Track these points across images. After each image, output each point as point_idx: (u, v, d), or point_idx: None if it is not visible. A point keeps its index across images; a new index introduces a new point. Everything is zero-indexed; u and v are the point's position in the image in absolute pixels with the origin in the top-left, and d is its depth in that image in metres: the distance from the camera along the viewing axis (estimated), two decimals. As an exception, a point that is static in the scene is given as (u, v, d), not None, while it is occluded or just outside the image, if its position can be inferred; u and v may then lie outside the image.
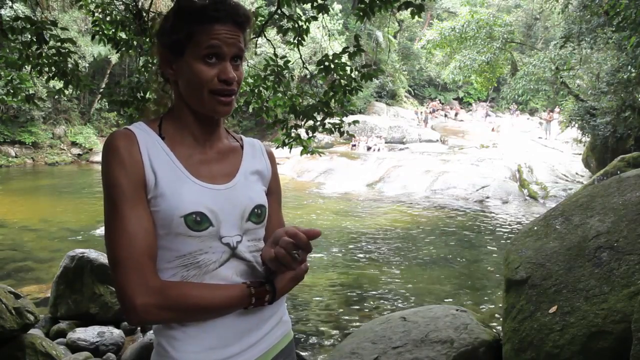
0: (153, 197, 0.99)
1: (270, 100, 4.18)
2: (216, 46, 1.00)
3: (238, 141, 1.18)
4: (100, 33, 4.15)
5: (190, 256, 1.00)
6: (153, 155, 1.01)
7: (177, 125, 1.07)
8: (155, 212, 0.99)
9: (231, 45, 1.01)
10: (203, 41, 1.00)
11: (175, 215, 0.98)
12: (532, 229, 2.78)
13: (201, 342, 1.00)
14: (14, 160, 19.58)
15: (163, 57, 1.06)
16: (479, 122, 28.93)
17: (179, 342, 1.00)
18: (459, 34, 17.40)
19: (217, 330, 1.01)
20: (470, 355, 2.61)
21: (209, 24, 1.00)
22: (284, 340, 1.14)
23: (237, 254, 1.05)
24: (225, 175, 1.08)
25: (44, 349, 3.36)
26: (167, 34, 1.05)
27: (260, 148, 1.21)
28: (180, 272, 1.00)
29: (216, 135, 1.11)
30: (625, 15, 8.24)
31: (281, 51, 12.69)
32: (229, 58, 1.02)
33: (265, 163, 1.19)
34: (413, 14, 3.56)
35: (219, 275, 1.02)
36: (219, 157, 1.10)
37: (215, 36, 1.00)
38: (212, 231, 1.01)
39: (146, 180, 0.99)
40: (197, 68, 1.00)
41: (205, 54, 1.00)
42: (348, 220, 10.43)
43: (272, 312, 1.10)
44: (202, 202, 1.01)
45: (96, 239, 8.19)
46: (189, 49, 1.01)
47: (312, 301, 5.55)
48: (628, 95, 11.15)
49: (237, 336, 1.03)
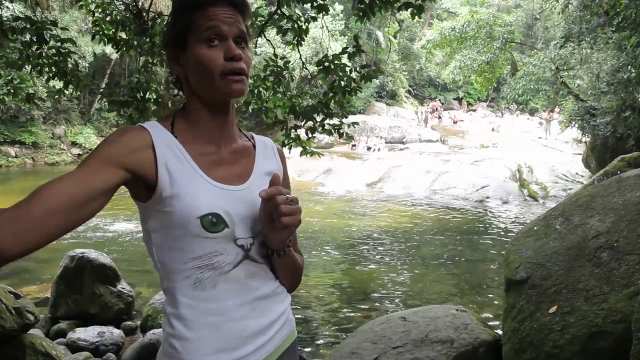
0: (168, 197, 0.97)
1: (270, 100, 4.18)
2: (215, 26, 0.99)
3: (250, 140, 1.17)
4: (100, 33, 4.15)
5: (205, 257, 0.99)
6: (168, 155, 1.00)
7: (189, 124, 1.06)
8: (170, 212, 0.98)
9: (231, 24, 1.00)
10: (202, 25, 1.00)
11: (191, 217, 0.97)
12: (532, 229, 2.78)
13: (214, 345, 0.99)
14: (14, 160, 19.57)
15: (170, 57, 1.06)
16: (479, 122, 28.90)
17: (191, 344, 0.99)
18: (459, 34, 17.41)
19: (231, 332, 1.01)
20: (470, 355, 2.61)
21: (205, 7, 1.00)
22: (289, 339, 1.13)
23: (250, 256, 1.04)
24: (239, 177, 1.07)
25: (44, 349, 3.36)
26: (169, 32, 1.06)
27: (272, 147, 1.20)
28: (194, 273, 0.99)
29: (229, 134, 1.09)
30: (625, 15, 8.24)
31: (281, 51, 12.69)
32: (231, 37, 1.01)
33: (277, 163, 1.17)
34: (413, 15, 3.57)
35: (232, 277, 1.02)
36: (233, 157, 1.09)
37: (213, 17, 0.99)
38: (227, 233, 1.00)
39: (158, 179, 0.97)
40: (202, 53, 1.00)
41: (206, 37, 1.00)
42: (348, 220, 10.43)
43: (280, 312, 1.10)
44: (218, 204, 1.00)
45: (96, 238, 8.19)
46: (191, 38, 1.01)
47: (312, 301, 5.55)
48: (628, 95, 11.15)
49: (248, 338, 1.03)
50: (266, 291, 1.07)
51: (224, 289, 1.01)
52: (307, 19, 4.08)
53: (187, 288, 1.00)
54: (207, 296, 1.00)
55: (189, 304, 1.00)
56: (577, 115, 13.42)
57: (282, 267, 1.10)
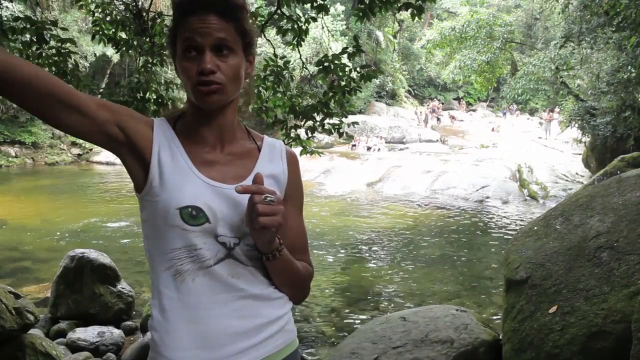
0: (156, 186, 1.01)
1: (270, 100, 4.18)
2: (189, 38, 0.99)
3: (256, 142, 1.15)
4: (100, 33, 4.15)
5: (184, 250, 1.00)
6: (163, 145, 1.03)
7: (188, 124, 1.08)
8: (156, 202, 1.01)
9: (205, 35, 0.99)
10: (182, 34, 1.01)
11: (171, 207, 0.99)
12: (532, 229, 2.78)
13: (191, 340, 1.00)
14: (14, 160, 19.56)
15: (172, 58, 1.08)
16: (479, 122, 28.91)
17: (169, 337, 1.00)
18: (459, 33, 17.41)
19: (208, 329, 1.01)
20: (470, 355, 2.61)
21: (185, 17, 1.00)
22: (286, 349, 1.09)
23: (233, 255, 1.03)
24: (235, 178, 1.06)
25: (44, 349, 3.36)
26: (168, 34, 1.09)
27: (280, 150, 1.16)
28: (175, 264, 1.01)
29: (228, 136, 1.09)
30: (625, 15, 8.24)
31: (281, 51, 12.69)
32: (208, 49, 0.99)
33: (282, 167, 1.14)
34: (413, 16, 3.57)
35: (213, 273, 1.02)
36: (231, 159, 1.08)
37: (188, 28, 1.00)
38: (207, 227, 1.00)
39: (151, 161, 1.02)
40: (181, 65, 1.01)
41: (184, 49, 1.01)
42: (348, 220, 10.43)
43: (271, 317, 1.07)
44: (202, 198, 1.00)
45: (96, 238, 8.19)
46: (177, 47, 1.03)
47: (312, 301, 5.55)
48: (628, 95, 11.15)
49: (227, 338, 1.01)
50: (254, 292, 1.05)
51: (204, 284, 1.01)
52: (307, 19, 4.08)
53: (168, 279, 1.02)
54: (186, 289, 1.01)
55: (169, 295, 1.02)
56: (577, 115, 13.42)
57: (276, 272, 1.08)
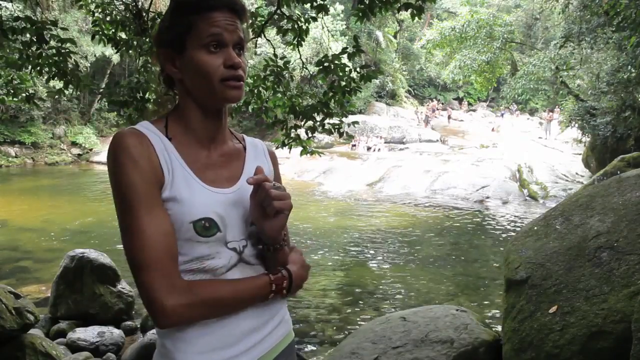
0: (167, 198, 0.98)
1: (270, 100, 4.18)
2: (217, 34, 0.99)
3: (241, 142, 1.17)
4: (100, 33, 4.15)
5: (197, 261, 1.00)
6: (166, 157, 1.00)
7: (182, 126, 1.06)
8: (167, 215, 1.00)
9: (232, 32, 1.01)
10: (204, 30, 0.99)
11: (185, 221, 0.98)
12: (532, 229, 2.78)
13: (206, 343, 1.00)
14: (14, 160, 19.57)
15: (165, 57, 1.05)
16: (479, 122, 28.91)
17: (183, 343, 0.99)
18: (459, 33, 17.40)
19: (223, 331, 1.01)
20: (470, 355, 2.61)
21: (207, 12, 1.00)
22: (285, 340, 1.13)
23: (243, 259, 1.05)
24: (229, 179, 1.07)
25: (44, 349, 3.36)
26: (166, 32, 1.04)
27: (262, 149, 1.20)
28: (187, 276, 0.99)
29: (221, 137, 1.10)
30: (625, 15, 8.24)
31: (281, 51, 12.68)
32: (231, 45, 1.01)
33: (268, 165, 1.18)
34: (413, 16, 3.56)
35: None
36: (223, 160, 1.09)
37: (215, 23, 0.99)
38: (219, 237, 1.01)
39: (164, 179, 0.98)
40: (202, 59, 1.00)
41: (207, 43, 1.00)
42: (348, 220, 10.43)
43: (275, 311, 1.10)
44: (211, 208, 1.00)
45: (96, 238, 8.19)
46: (190, 41, 1.00)
47: (312, 301, 5.55)
48: (628, 95, 11.15)
49: (240, 336, 1.03)
50: None
51: None
52: (307, 19, 4.08)
53: None
54: None
55: None
56: (577, 115, 13.42)
57: (275, 263, 1.10)
